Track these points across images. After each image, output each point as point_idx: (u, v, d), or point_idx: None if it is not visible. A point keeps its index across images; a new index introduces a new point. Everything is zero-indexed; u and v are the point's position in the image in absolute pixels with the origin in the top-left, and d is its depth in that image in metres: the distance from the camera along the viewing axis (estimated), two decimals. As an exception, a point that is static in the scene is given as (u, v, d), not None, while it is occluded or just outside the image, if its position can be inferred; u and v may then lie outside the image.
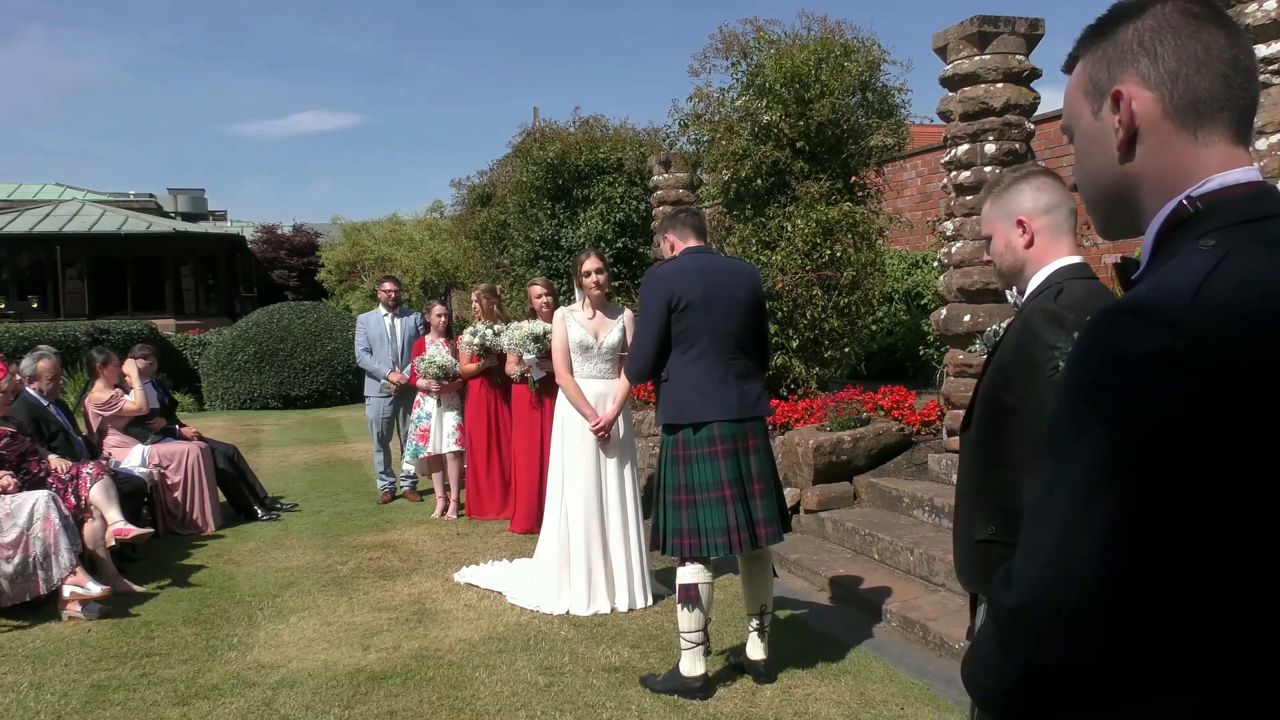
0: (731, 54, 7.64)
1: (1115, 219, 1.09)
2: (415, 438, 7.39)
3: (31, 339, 13.94)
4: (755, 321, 3.96)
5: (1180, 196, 0.98)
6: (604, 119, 13.33)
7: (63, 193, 29.64)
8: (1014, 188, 2.04)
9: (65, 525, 5.06)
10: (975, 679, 0.98)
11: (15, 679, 4.19)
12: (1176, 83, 0.99)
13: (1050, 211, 2.00)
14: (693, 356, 3.83)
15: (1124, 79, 1.02)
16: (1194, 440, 0.81)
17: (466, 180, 17.00)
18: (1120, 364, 0.85)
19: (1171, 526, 0.82)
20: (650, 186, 10.39)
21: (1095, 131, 1.06)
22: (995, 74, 5.63)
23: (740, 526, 3.80)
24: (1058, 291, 1.91)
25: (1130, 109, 1.01)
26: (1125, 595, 0.83)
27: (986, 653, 0.95)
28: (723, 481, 3.80)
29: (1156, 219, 1.00)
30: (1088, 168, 1.09)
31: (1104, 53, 1.04)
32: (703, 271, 3.86)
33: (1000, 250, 2.07)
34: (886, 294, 8.02)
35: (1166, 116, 1.00)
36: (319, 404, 15.74)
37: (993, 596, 0.96)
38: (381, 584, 5.52)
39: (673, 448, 3.89)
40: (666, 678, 3.92)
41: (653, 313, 3.85)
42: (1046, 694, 0.89)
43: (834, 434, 6.19)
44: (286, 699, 3.90)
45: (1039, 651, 0.88)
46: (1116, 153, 1.04)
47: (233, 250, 27.83)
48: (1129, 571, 0.83)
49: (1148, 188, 1.02)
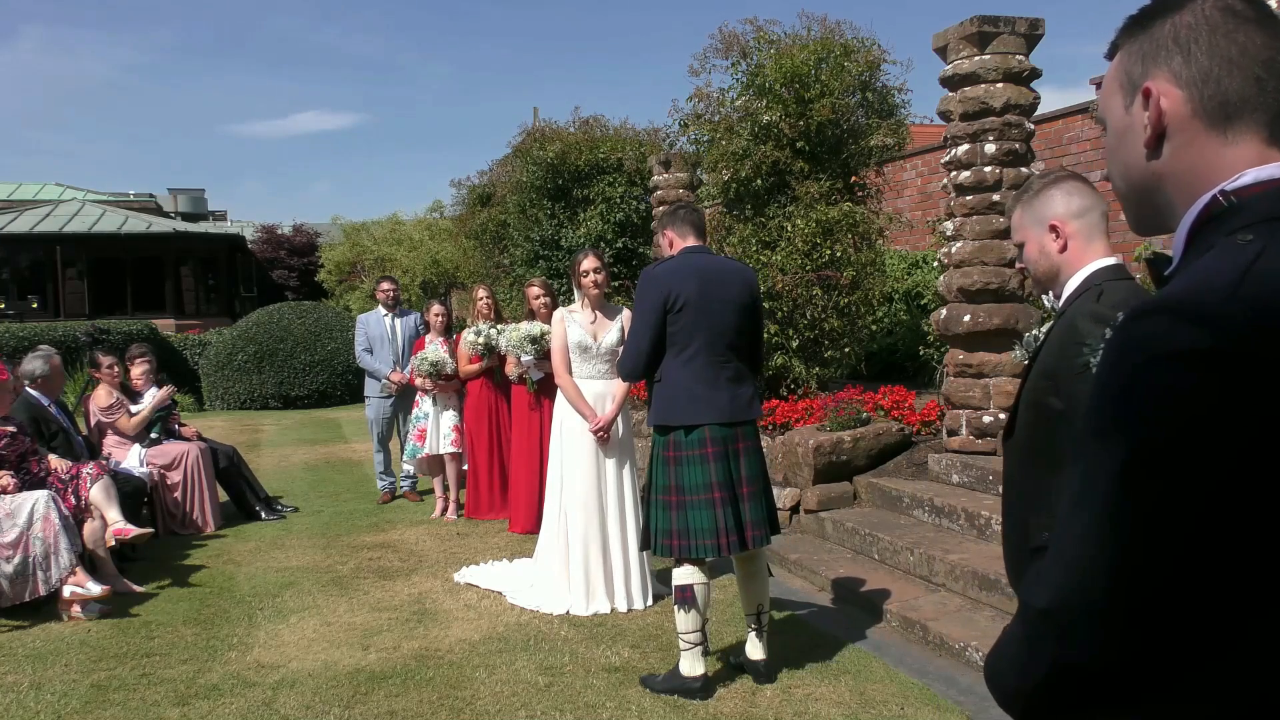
0: (731, 54, 7.65)
1: (1145, 215, 1.08)
2: (413, 438, 7.39)
3: (31, 339, 13.95)
4: (750, 323, 3.95)
5: (1214, 190, 0.96)
6: (604, 119, 13.35)
7: (63, 193, 29.65)
8: (1044, 193, 2.04)
9: (65, 525, 5.06)
10: (999, 678, 0.97)
11: (15, 679, 4.19)
12: (1208, 83, 0.98)
13: (1083, 215, 2.00)
14: (686, 358, 3.82)
15: (1155, 75, 1.00)
16: (1232, 439, 0.80)
17: (466, 180, 17.04)
18: (1157, 362, 0.83)
19: (1205, 527, 0.81)
20: (650, 186, 10.39)
21: (1125, 126, 1.05)
22: (995, 74, 5.63)
23: (729, 529, 3.80)
24: (1099, 293, 1.91)
25: (1159, 107, 1.00)
26: (1154, 597, 0.82)
27: (1012, 651, 0.94)
28: (713, 484, 3.80)
29: (1189, 214, 0.98)
30: (1118, 162, 1.08)
31: (1140, 46, 1.03)
32: (699, 272, 3.85)
33: (1034, 256, 2.06)
34: (886, 294, 8.02)
35: (1195, 116, 0.98)
36: (319, 404, 15.74)
37: (1021, 596, 0.95)
38: (381, 584, 5.52)
39: (664, 448, 3.89)
40: (666, 678, 3.92)
41: (648, 311, 3.84)
42: (1070, 695, 0.88)
43: (834, 434, 6.19)
44: (286, 699, 3.90)
45: (1066, 651, 0.87)
46: (1144, 149, 1.02)
47: (233, 250, 27.84)
48: (1161, 573, 0.82)
49: (1175, 185, 1.01)
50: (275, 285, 28.73)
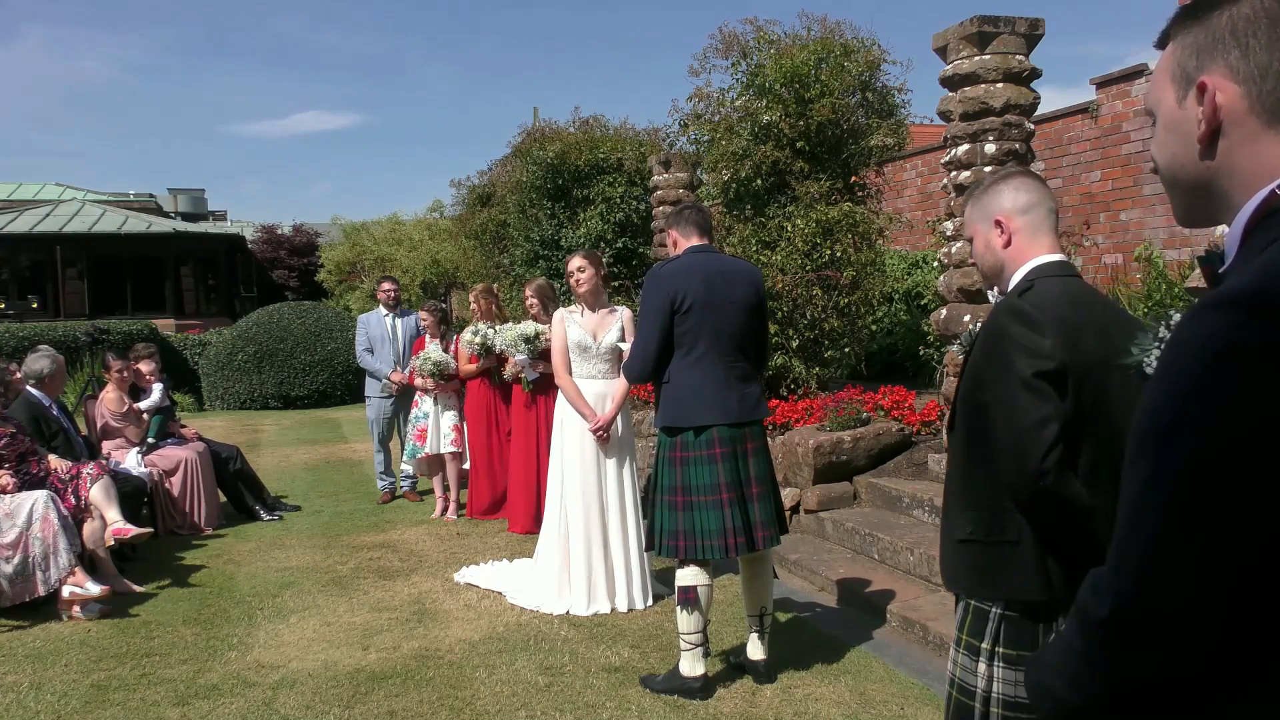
0: (731, 54, 7.65)
1: (1194, 209, 1.05)
2: (413, 438, 7.39)
3: (31, 339, 13.96)
4: (756, 323, 3.95)
5: (1272, 185, 0.93)
6: (604, 119, 13.36)
7: (63, 193, 29.64)
8: (993, 189, 2.05)
9: (64, 525, 5.06)
10: (1049, 690, 0.93)
11: (15, 679, 4.19)
12: (1266, 78, 0.94)
13: (1028, 211, 2.00)
14: (694, 359, 3.81)
15: (1211, 69, 0.97)
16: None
17: (466, 180, 17.05)
18: (1226, 357, 0.80)
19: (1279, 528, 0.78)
20: (650, 186, 10.39)
21: (1177, 120, 1.02)
22: (995, 74, 5.62)
23: (737, 530, 3.79)
24: (1025, 288, 1.92)
25: (1214, 102, 0.97)
26: (1227, 602, 0.79)
27: (1065, 664, 0.91)
28: (721, 484, 3.78)
29: (1245, 210, 0.96)
30: (1167, 154, 1.05)
31: (1195, 38, 1.00)
32: (705, 272, 3.83)
33: (981, 251, 2.08)
34: (886, 294, 8.03)
35: (1252, 112, 0.95)
36: (319, 404, 15.74)
37: (1078, 607, 0.91)
38: (381, 584, 5.52)
39: (670, 449, 3.87)
40: (666, 678, 3.92)
41: (655, 312, 3.82)
42: (1131, 706, 0.85)
43: (834, 434, 6.19)
44: (286, 699, 3.90)
45: (1132, 663, 0.84)
46: (1198, 145, 0.99)
47: (233, 250, 27.83)
48: (1232, 577, 0.79)
49: (1229, 182, 0.98)
50: (275, 285, 28.74)
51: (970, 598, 1.95)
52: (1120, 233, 8.49)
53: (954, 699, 1.97)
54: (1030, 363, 1.79)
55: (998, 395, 1.83)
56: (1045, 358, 1.79)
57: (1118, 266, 8.04)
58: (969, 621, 1.94)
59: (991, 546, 1.89)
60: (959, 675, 1.97)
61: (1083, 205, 8.75)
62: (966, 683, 1.94)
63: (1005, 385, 1.81)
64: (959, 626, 1.98)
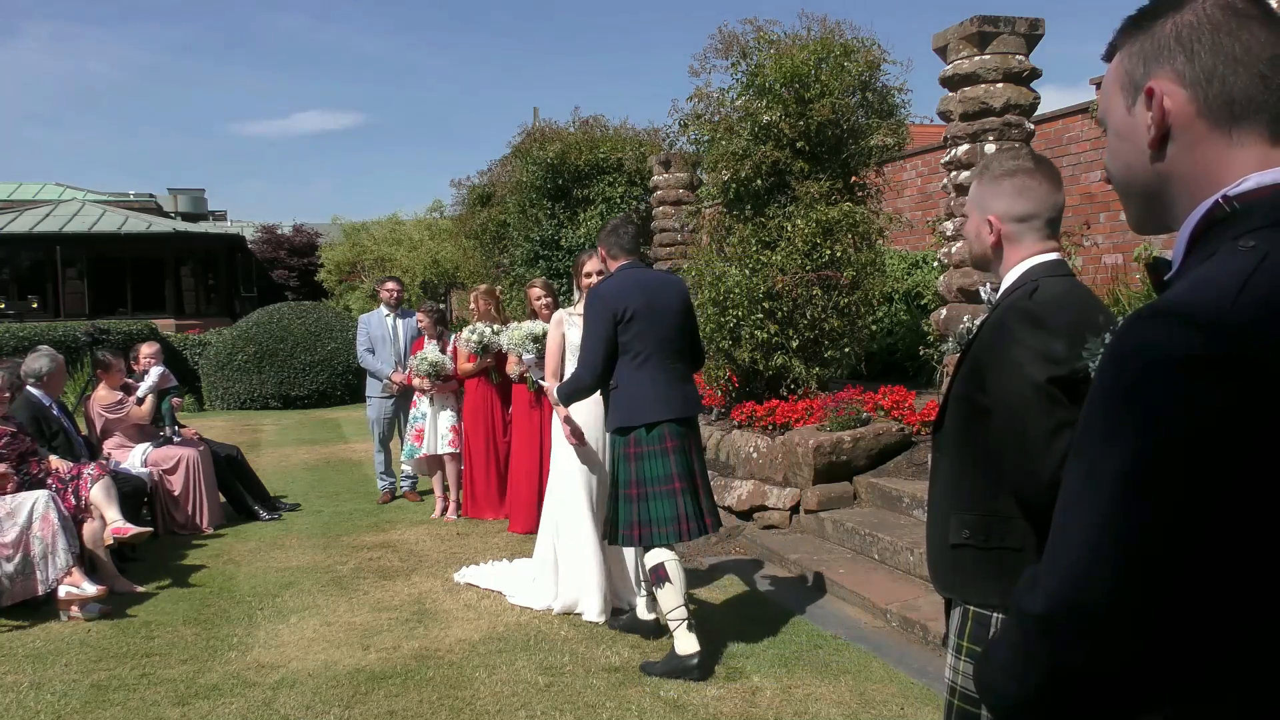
0: (731, 54, 7.63)
1: (1147, 216, 1.07)
2: (411, 438, 7.39)
3: (31, 339, 13.96)
4: (688, 327, 4.42)
5: (1216, 195, 0.95)
6: (604, 119, 13.36)
7: (63, 193, 29.63)
8: (996, 184, 1.99)
9: (63, 525, 5.05)
10: (993, 686, 0.95)
11: (15, 679, 4.19)
12: (1212, 82, 0.96)
13: (1024, 220, 1.95)
14: (639, 363, 4.20)
15: (1158, 75, 0.99)
16: (1233, 445, 0.79)
17: (466, 180, 17.04)
18: (1159, 367, 0.83)
19: (1206, 532, 0.80)
20: (650, 186, 10.39)
21: (1128, 127, 1.04)
22: (995, 74, 5.63)
23: (689, 516, 4.18)
24: (1033, 289, 1.87)
25: (1163, 107, 0.98)
26: (1155, 601, 0.82)
27: (1007, 658, 0.93)
28: (674, 475, 4.16)
29: (1191, 218, 0.97)
30: (1120, 163, 1.07)
31: (1141, 46, 1.01)
32: (642, 285, 4.27)
33: (971, 235, 2.06)
34: (886, 294, 8.01)
35: (1200, 116, 0.97)
36: (319, 404, 15.73)
37: (1015, 602, 0.93)
38: (381, 584, 5.52)
39: (625, 446, 4.22)
40: (664, 661, 4.07)
41: (600, 325, 4.20)
42: (1068, 702, 0.87)
43: (834, 434, 6.19)
44: (286, 699, 3.90)
45: (1064, 657, 0.86)
46: (1148, 150, 1.01)
47: (233, 250, 27.83)
48: (1160, 577, 0.81)
49: (1180, 187, 0.99)
50: (275, 285, 28.73)
51: (970, 604, 1.91)
52: (1120, 233, 8.48)
53: (957, 708, 1.93)
54: (1044, 368, 1.74)
55: (1005, 401, 1.78)
56: (1059, 362, 1.74)
57: (1118, 267, 8.04)
58: (970, 628, 1.91)
59: (990, 552, 1.84)
60: (960, 684, 1.92)
61: (1083, 205, 8.75)
62: (971, 691, 1.89)
63: (1015, 391, 1.76)
64: (958, 633, 1.93)
